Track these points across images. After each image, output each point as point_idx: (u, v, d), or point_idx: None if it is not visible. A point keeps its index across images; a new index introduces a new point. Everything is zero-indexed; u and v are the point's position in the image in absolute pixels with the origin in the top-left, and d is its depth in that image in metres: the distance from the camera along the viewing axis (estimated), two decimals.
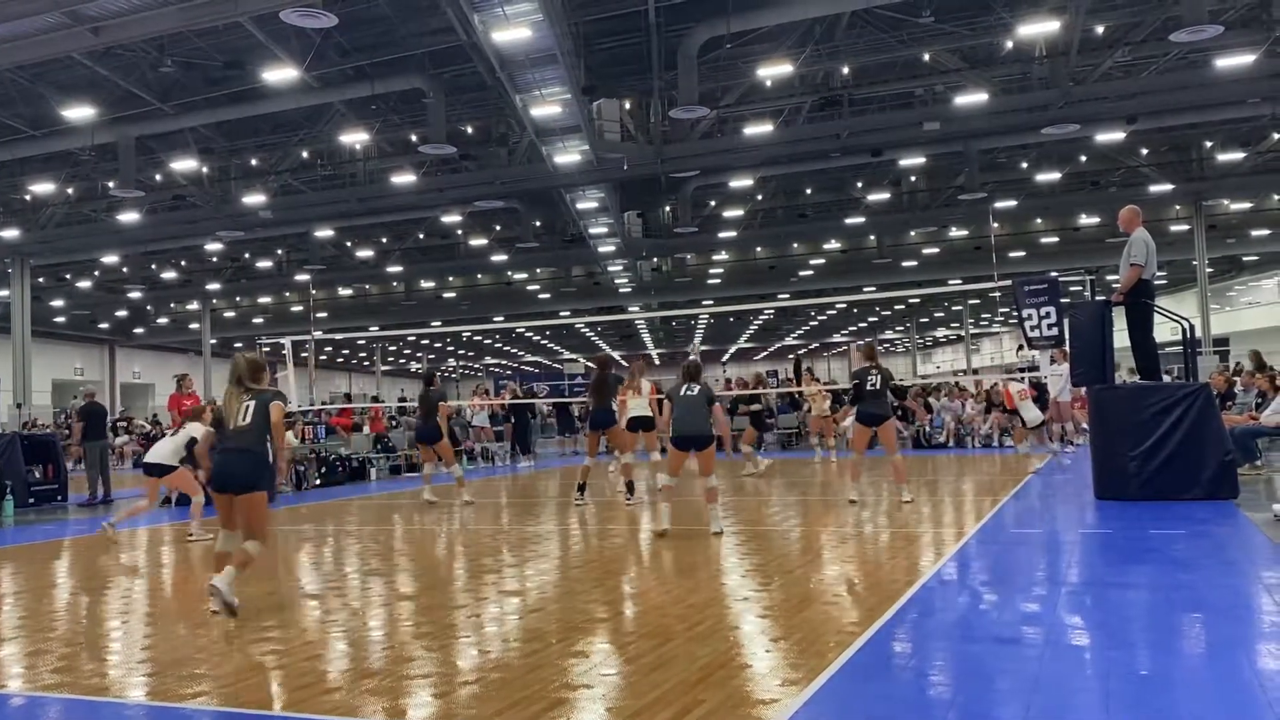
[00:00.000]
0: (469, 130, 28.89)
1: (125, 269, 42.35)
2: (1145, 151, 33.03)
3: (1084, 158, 33.47)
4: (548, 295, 47.32)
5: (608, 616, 5.77)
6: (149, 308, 51.38)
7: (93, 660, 5.17)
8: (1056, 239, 40.23)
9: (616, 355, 79.28)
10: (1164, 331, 12.60)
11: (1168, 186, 32.49)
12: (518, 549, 8.72)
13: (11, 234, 31.79)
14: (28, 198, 32.47)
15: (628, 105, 25.92)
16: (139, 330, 53.91)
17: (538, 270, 46.26)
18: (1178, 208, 36.13)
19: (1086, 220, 38.80)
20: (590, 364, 16.55)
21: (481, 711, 3.98)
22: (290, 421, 18.20)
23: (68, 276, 44.05)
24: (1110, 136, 27.47)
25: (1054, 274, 13.61)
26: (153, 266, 44.19)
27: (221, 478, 6.39)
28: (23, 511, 14.73)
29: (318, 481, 17.29)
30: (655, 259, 42.01)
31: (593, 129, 24.03)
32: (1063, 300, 12.43)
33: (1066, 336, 11.85)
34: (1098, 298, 11.79)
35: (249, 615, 6.07)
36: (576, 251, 38.70)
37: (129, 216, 30.56)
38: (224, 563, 6.24)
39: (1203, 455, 9.88)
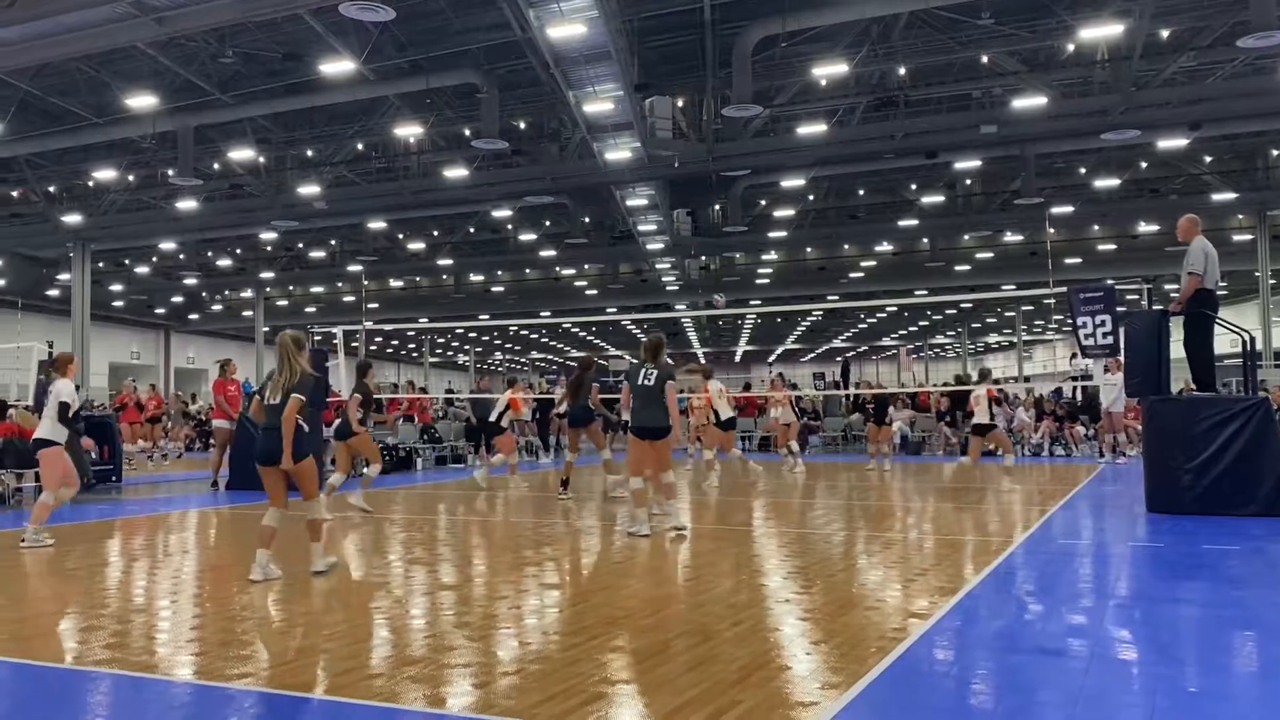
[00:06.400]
0: (521, 126, 29.06)
1: (182, 256, 43.20)
2: (1208, 159, 32.36)
3: (1144, 164, 32.87)
4: (595, 291, 47.41)
5: (647, 613, 5.77)
6: (204, 294, 52.36)
7: (143, 638, 5.28)
8: (1114, 246, 39.51)
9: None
10: (1224, 343, 12.32)
11: (1230, 195, 31.78)
12: (556, 543, 8.76)
13: (74, 219, 32.57)
14: (90, 184, 33.27)
15: (680, 103, 25.89)
16: (194, 316, 54.94)
17: (586, 266, 46.39)
18: (1240, 217, 35.35)
19: (1145, 228, 38.04)
20: (574, 362, 15.69)
21: (521, 703, 4.00)
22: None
23: (126, 262, 45.02)
24: (1172, 143, 26.94)
25: (1110, 282, 13.39)
26: (209, 254, 45.05)
27: (260, 455, 6.84)
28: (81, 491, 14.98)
29: (364, 470, 17.43)
30: (704, 257, 41.95)
31: (644, 126, 24.03)
32: (1119, 309, 12.22)
33: (1121, 346, 11.64)
34: (1155, 307, 11.53)
35: (295, 599, 6.16)
36: (625, 248, 38.76)
37: (187, 204, 31.16)
38: (269, 537, 6.77)
39: (1260, 470, 9.67)
